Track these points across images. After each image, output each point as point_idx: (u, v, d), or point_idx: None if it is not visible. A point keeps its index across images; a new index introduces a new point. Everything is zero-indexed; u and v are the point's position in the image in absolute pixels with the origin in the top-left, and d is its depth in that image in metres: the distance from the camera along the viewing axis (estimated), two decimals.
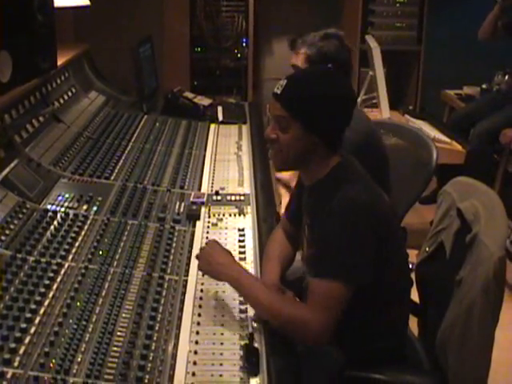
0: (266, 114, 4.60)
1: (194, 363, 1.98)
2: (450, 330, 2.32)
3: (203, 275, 2.44)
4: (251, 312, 2.25)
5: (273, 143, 2.44)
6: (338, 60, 3.25)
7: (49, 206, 2.87)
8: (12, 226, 2.61)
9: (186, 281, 2.44)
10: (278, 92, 2.39)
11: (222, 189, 3.28)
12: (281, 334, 2.17)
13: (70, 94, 4.21)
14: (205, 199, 3.12)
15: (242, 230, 2.86)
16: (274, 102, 2.41)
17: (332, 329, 2.21)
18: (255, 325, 2.20)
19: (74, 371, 1.90)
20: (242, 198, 3.18)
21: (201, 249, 2.50)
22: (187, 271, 2.50)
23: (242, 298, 2.31)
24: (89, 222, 2.79)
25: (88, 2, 4.94)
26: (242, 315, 2.25)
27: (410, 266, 2.71)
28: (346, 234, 2.25)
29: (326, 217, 2.29)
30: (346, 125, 2.44)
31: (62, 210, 2.85)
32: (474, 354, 2.23)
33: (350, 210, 2.26)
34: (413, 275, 2.69)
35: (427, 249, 2.68)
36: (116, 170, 3.41)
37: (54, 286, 2.29)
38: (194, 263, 2.53)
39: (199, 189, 3.31)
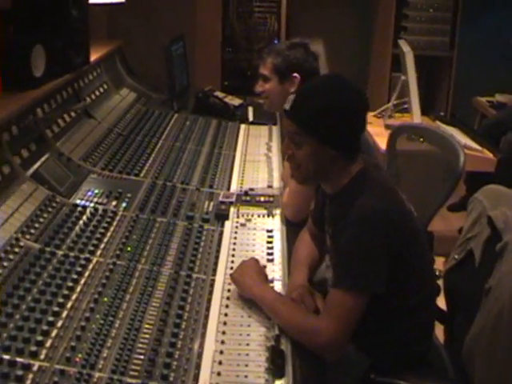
0: None
1: (220, 363, 1.98)
2: (477, 339, 2.29)
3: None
4: None
5: (290, 159, 2.44)
6: (305, 68, 3.27)
7: (78, 201, 2.88)
8: (41, 220, 2.62)
9: (214, 280, 2.43)
10: (287, 108, 2.38)
11: (252, 189, 3.28)
12: None
13: (101, 89, 4.22)
14: (234, 199, 3.12)
15: (271, 231, 2.86)
16: (285, 118, 2.40)
17: (346, 339, 2.20)
18: None
19: (100, 366, 1.90)
20: (271, 199, 3.17)
21: (243, 261, 2.49)
22: (215, 271, 2.50)
23: None
24: (118, 218, 2.80)
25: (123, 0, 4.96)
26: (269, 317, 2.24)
27: (437, 274, 2.68)
28: (359, 244, 2.24)
29: (344, 227, 2.29)
30: (360, 132, 2.42)
31: (92, 205, 2.86)
32: (501, 363, 2.21)
33: (364, 219, 2.25)
34: (440, 282, 2.67)
35: (456, 256, 2.65)
36: (146, 168, 3.42)
37: (82, 281, 2.30)
38: (222, 263, 2.54)
39: (228, 188, 3.31)
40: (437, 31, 6.87)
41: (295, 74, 3.24)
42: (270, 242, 2.76)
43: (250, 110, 4.80)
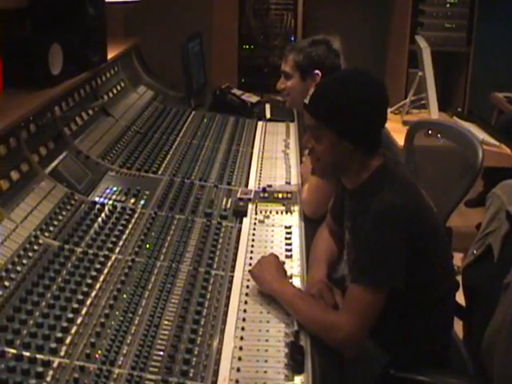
0: None
1: (239, 359, 1.98)
2: (496, 334, 2.28)
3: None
4: None
5: (310, 153, 2.44)
6: (326, 65, 3.27)
7: (97, 199, 2.89)
8: (60, 217, 2.63)
9: (232, 277, 2.43)
10: (307, 102, 2.38)
11: (270, 186, 3.27)
12: None
13: (119, 87, 4.23)
14: (252, 196, 3.12)
15: (289, 227, 2.85)
16: (305, 111, 2.40)
17: (365, 334, 2.21)
18: None
19: (120, 362, 1.90)
20: (289, 195, 3.17)
21: (262, 257, 2.49)
22: (233, 267, 2.50)
23: None
24: (136, 215, 2.80)
25: None
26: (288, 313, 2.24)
27: (456, 269, 2.67)
28: (379, 239, 2.24)
29: (363, 222, 2.28)
30: (380, 126, 2.42)
31: (110, 202, 2.87)
32: None
33: (383, 214, 2.25)
34: (459, 278, 2.66)
35: (475, 251, 2.64)
36: (164, 165, 3.43)
37: (101, 278, 2.30)
38: (241, 259, 2.54)
39: (246, 185, 3.31)
40: (454, 27, 6.85)
41: (317, 71, 3.23)
42: (289, 239, 2.75)
43: (268, 106, 4.81)
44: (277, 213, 3.00)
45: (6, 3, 3.24)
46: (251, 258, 2.57)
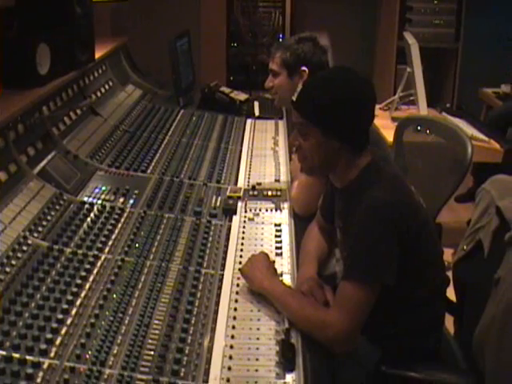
0: None
1: (230, 357, 1.98)
2: (487, 330, 2.29)
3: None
4: None
5: (297, 150, 2.44)
6: (313, 61, 3.28)
7: (85, 198, 2.88)
8: (49, 218, 2.62)
9: (223, 275, 2.43)
10: (294, 99, 2.38)
11: (259, 184, 3.27)
12: None
13: (107, 87, 4.22)
14: (241, 194, 3.11)
15: (279, 225, 2.85)
16: (293, 109, 2.40)
17: (357, 331, 2.20)
18: None
19: (110, 363, 1.89)
20: (279, 193, 3.17)
21: (252, 255, 2.48)
22: (223, 266, 2.49)
23: None
24: (125, 214, 2.79)
25: None
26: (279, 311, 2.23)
27: (446, 265, 2.68)
28: (369, 237, 2.24)
29: (354, 220, 2.29)
30: (367, 125, 2.42)
31: (99, 202, 2.86)
32: (511, 354, 2.20)
33: (373, 211, 2.25)
34: (449, 273, 2.66)
35: (465, 247, 2.65)
36: (152, 164, 3.42)
37: (91, 278, 2.29)
38: (231, 258, 2.54)
39: (236, 183, 3.30)
40: (442, 23, 6.87)
41: (304, 68, 3.24)
42: (279, 236, 2.75)
43: (256, 104, 4.80)
44: (266, 210, 2.99)
45: None
46: (241, 257, 2.56)
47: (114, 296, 2.20)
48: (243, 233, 2.77)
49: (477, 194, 2.66)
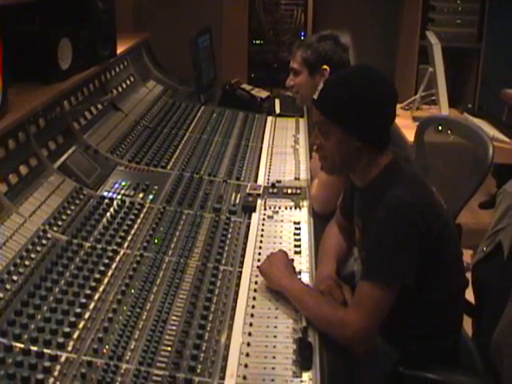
0: None
1: (247, 355, 1.97)
2: (506, 332, 2.27)
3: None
4: None
5: (318, 149, 2.43)
6: (334, 60, 3.26)
7: (105, 193, 2.89)
8: (69, 212, 2.64)
9: (241, 272, 2.43)
10: (315, 98, 2.37)
11: (279, 181, 3.27)
12: None
13: (128, 82, 4.24)
14: (261, 191, 3.11)
15: (298, 223, 2.84)
16: (314, 107, 2.39)
17: (374, 331, 2.20)
18: None
19: (127, 358, 1.90)
20: (299, 191, 3.16)
21: (271, 253, 2.48)
22: (242, 263, 2.49)
23: None
24: (145, 210, 2.80)
25: None
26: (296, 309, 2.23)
27: (465, 266, 2.66)
28: (389, 237, 2.22)
29: (374, 220, 2.27)
30: (388, 123, 2.40)
31: (119, 197, 2.87)
32: None
33: (394, 212, 2.23)
34: (468, 275, 2.65)
35: (485, 249, 2.63)
36: (172, 160, 3.42)
37: (109, 273, 2.30)
38: (249, 255, 2.54)
39: (255, 181, 3.30)
40: (464, 23, 6.82)
41: (325, 66, 3.22)
42: (297, 234, 2.74)
43: (277, 102, 4.80)
44: (286, 208, 2.99)
45: None
46: (260, 254, 2.56)
47: (132, 291, 2.21)
48: (262, 230, 2.76)
49: (497, 196, 2.64)
